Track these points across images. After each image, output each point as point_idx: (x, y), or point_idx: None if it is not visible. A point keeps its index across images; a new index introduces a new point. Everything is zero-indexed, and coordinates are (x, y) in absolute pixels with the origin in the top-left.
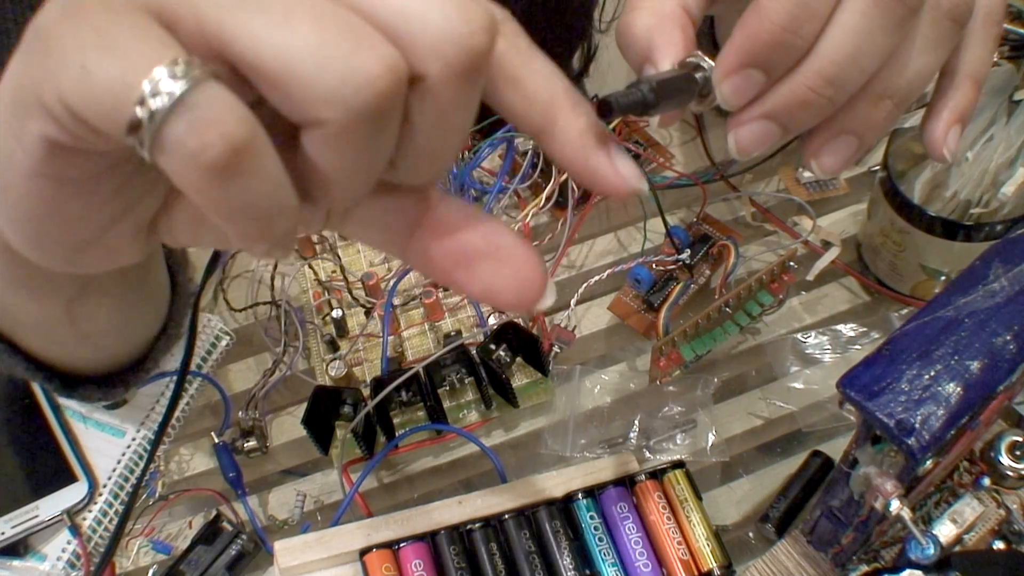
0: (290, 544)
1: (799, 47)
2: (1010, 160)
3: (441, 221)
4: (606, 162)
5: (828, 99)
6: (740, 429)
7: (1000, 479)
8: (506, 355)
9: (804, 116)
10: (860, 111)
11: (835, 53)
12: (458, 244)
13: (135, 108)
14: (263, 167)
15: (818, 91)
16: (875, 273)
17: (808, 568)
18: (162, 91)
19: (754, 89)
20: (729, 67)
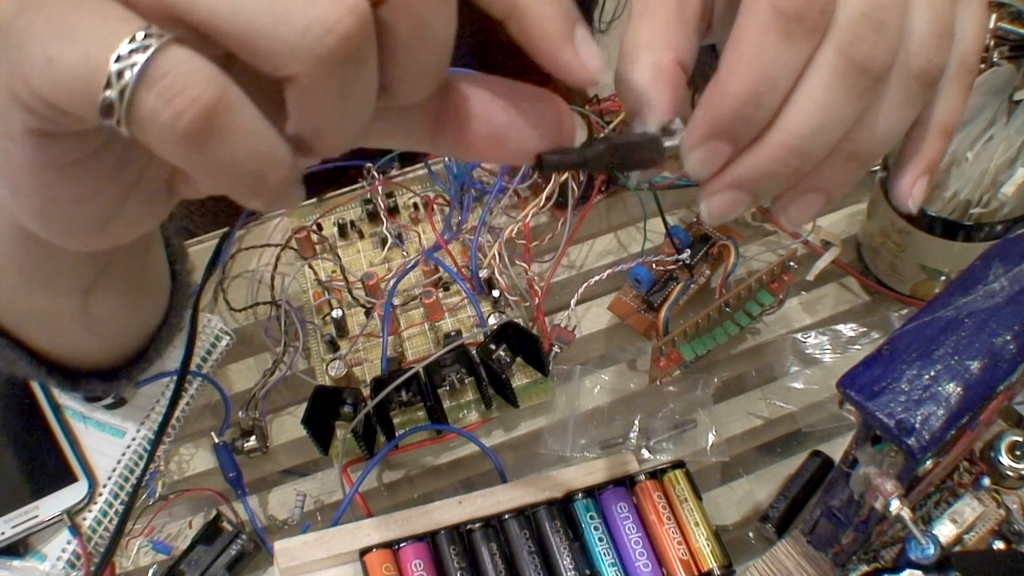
0: (290, 544)
1: (761, 118)
2: (1010, 160)
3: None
4: (570, 54)
5: (794, 168)
6: (740, 429)
7: (1000, 479)
8: (506, 355)
9: (772, 184)
10: (827, 171)
11: (799, 125)
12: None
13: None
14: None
15: (784, 162)
16: (875, 273)
17: (808, 568)
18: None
19: (721, 159)
20: (695, 139)
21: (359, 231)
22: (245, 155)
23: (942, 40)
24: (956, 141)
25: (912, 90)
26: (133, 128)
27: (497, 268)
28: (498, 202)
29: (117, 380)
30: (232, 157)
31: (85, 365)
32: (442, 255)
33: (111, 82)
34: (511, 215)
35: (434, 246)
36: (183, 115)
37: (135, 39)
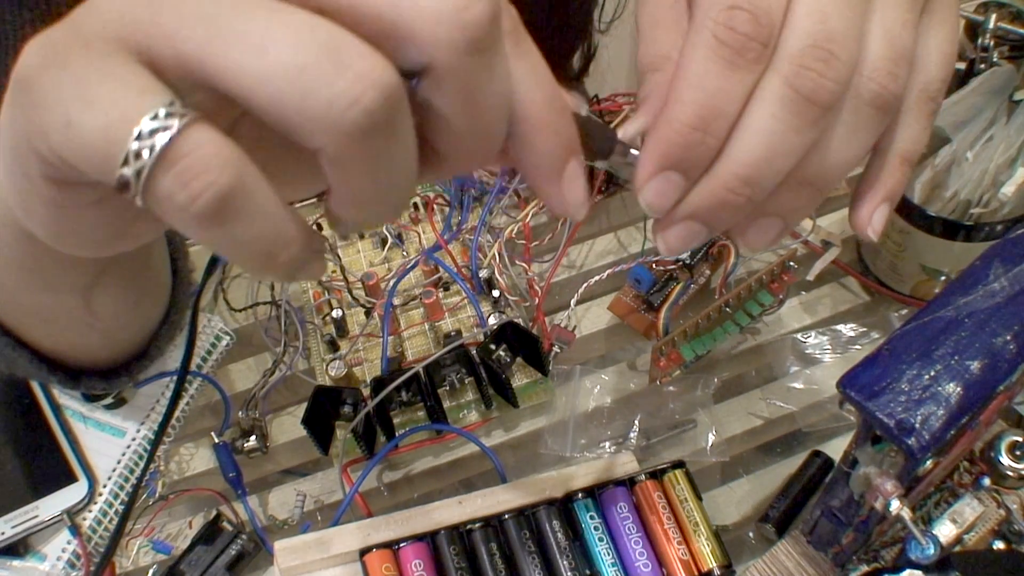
0: (290, 544)
1: (710, 146)
2: (1010, 160)
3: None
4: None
5: (746, 198)
6: (740, 429)
7: (1000, 479)
8: (506, 355)
9: (725, 215)
10: (782, 198)
11: (747, 155)
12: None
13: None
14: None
15: (735, 192)
16: (875, 273)
17: (808, 568)
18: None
19: (675, 191)
20: (646, 172)
21: (359, 231)
22: (256, 236)
23: (897, 66)
24: (956, 141)
25: (866, 116)
26: (147, 201)
27: (497, 268)
28: (498, 202)
29: (118, 378)
30: (244, 237)
31: (86, 363)
32: (442, 255)
33: (128, 159)
34: (511, 215)
35: (434, 246)
36: (198, 199)
37: (157, 116)
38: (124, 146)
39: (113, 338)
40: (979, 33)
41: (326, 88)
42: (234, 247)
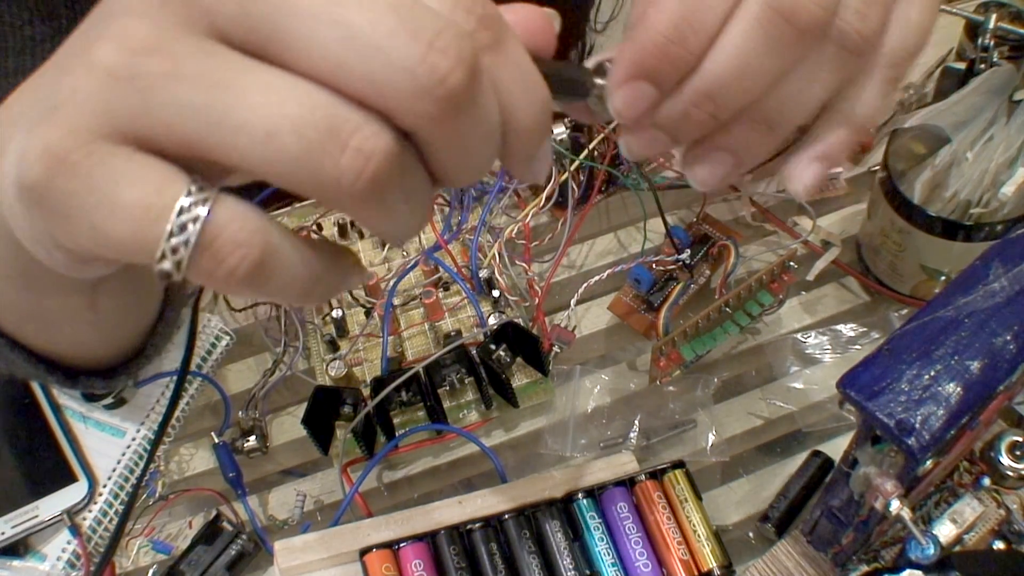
0: (290, 544)
1: (685, 60)
2: (1010, 160)
3: None
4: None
5: (710, 115)
6: (740, 429)
7: (1000, 479)
8: (506, 355)
9: (688, 129)
10: (736, 132)
11: (718, 70)
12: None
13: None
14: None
15: (700, 107)
16: (875, 273)
17: (808, 568)
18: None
19: (645, 101)
20: (619, 78)
21: (359, 231)
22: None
23: (869, 8)
24: (956, 141)
25: (830, 55)
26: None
27: (497, 268)
28: (498, 202)
29: (116, 376)
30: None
31: (84, 363)
32: (442, 255)
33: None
34: (511, 215)
35: (434, 246)
36: (236, 272)
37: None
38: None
39: (111, 336)
40: (979, 33)
41: (332, 167)
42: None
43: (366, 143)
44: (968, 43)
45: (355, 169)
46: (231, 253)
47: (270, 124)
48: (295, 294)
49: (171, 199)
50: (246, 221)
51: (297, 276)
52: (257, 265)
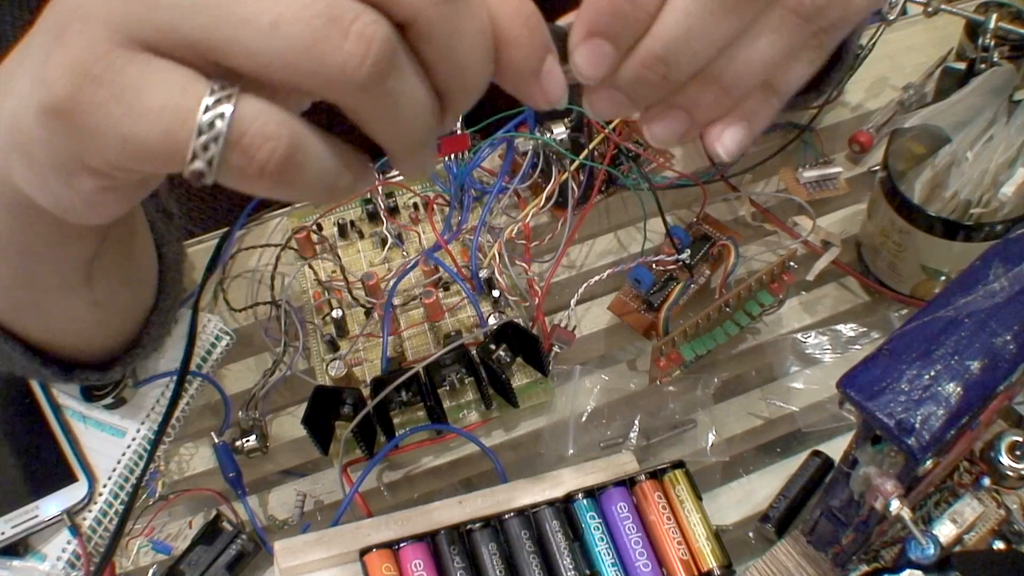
0: (290, 544)
1: (640, 19)
2: (1010, 160)
3: None
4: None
5: (662, 76)
6: (740, 429)
7: (1000, 479)
8: (506, 355)
9: (643, 90)
10: (690, 91)
11: (667, 33)
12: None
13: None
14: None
15: (651, 68)
16: (875, 273)
17: (808, 568)
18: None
19: (604, 60)
20: (578, 36)
21: (359, 231)
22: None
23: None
24: (956, 141)
25: (785, 21)
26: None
27: (497, 268)
28: (498, 202)
29: (112, 369)
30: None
31: (80, 353)
32: (442, 255)
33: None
34: (511, 215)
35: (434, 246)
36: (267, 166)
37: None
38: (189, 143)
39: (108, 322)
40: (979, 33)
41: (336, 52)
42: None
43: (367, 28)
44: (968, 43)
45: (359, 53)
46: (260, 146)
47: (274, 14)
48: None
49: (196, 99)
50: (271, 114)
51: (324, 168)
52: (287, 157)
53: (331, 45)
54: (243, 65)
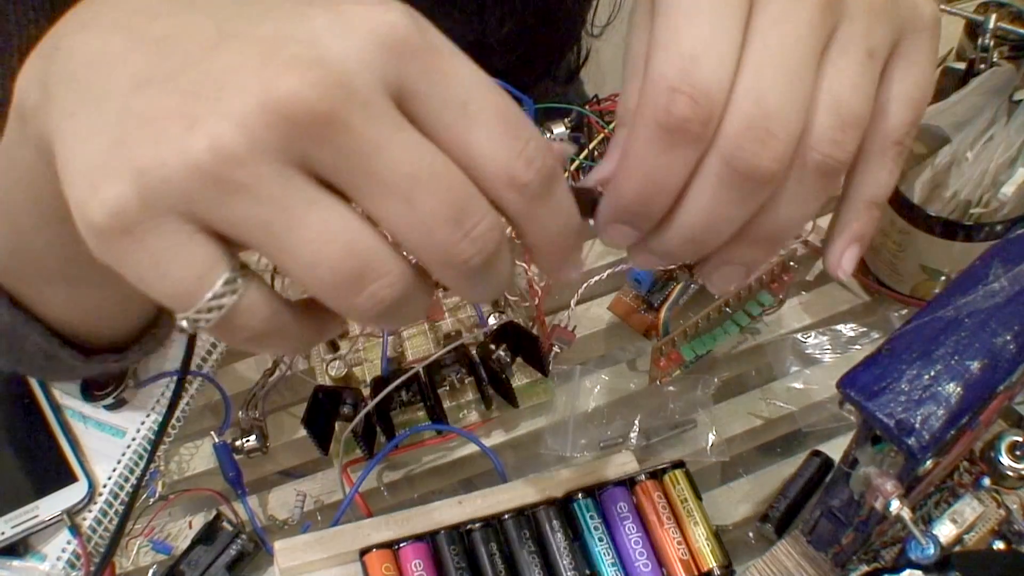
0: (290, 544)
1: (654, 212)
2: (1010, 160)
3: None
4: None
5: (693, 252)
6: (740, 429)
7: (1000, 479)
8: (506, 355)
9: (679, 258)
10: (739, 250)
11: (690, 223)
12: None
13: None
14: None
15: (683, 247)
16: (875, 273)
17: (808, 568)
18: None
19: (629, 237)
20: (602, 221)
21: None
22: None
23: (843, 133)
24: (956, 141)
25: (811, 183)
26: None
27: None
28: None
29: (129, 351)
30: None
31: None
32: None
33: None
34: None
35: None
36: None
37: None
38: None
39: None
40: (979, 33)
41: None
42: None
43: (380, 291)
44: (968, 43)
45: (365, 308)
46: (239, 333)
47: (313, 258)
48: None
49: (209, 285)
50: (258, 311)
51: (290, 343)
52: (256, 341)
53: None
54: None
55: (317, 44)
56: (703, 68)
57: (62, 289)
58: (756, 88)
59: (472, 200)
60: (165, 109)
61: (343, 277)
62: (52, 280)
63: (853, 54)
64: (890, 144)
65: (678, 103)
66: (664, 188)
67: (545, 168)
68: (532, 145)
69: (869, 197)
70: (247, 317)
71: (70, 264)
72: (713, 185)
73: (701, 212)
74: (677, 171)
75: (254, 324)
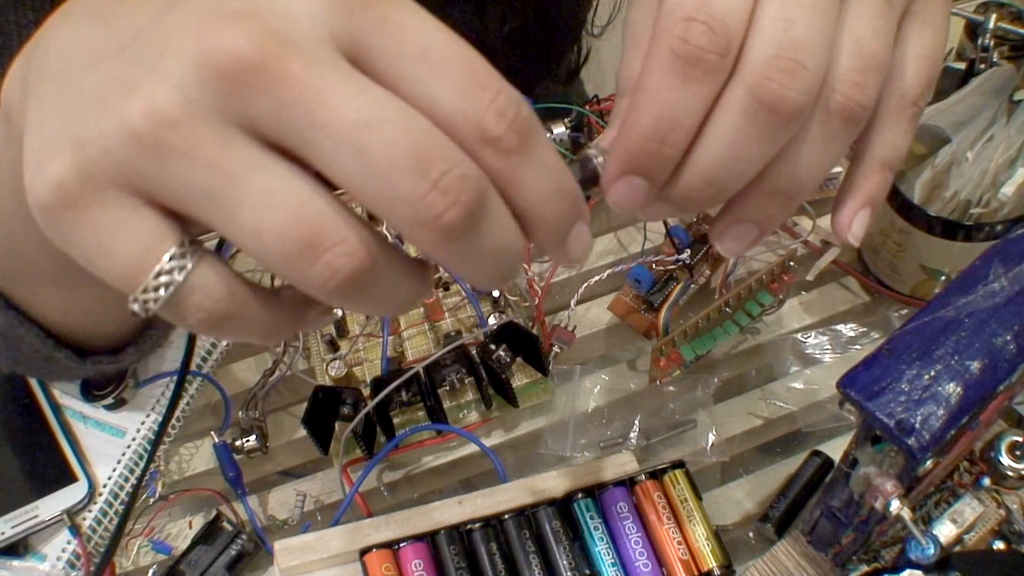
0: (290, 544)
1: (668, 155)
2: (1010, 160)
3: None
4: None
5: (711, 197)
6: (740, 429)
7: (1000, 479)
8: (506, 355)
9: (695, 207)
10: (754, 203)
11: (709, 160)
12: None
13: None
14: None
15: (699, 190)
16: (875, 273)
17: (808, 568)
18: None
19: (639, 193)
20: (611, 175)
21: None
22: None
23: (865, 76)
24: (956, 141)
25: (833, 127)
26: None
27: None
28: None
29: (124, 352)
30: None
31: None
32: None
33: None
34: None
35: None
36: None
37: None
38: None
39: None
40: (979, 33)
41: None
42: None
43: (336, 260)
44: (968, 43)
45: (322, 280)
46: (191, 315)
47: (259, 225)
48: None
49: (155, 260)
50: (212, 290)
51: (253, 331)
52: (215, 324)
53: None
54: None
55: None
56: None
57: (56, 290)
58: (784, 17)
59: (437, 145)
60: (110, 81)
61: (293, 246)
62: (46, 282)
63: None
64: (907, 103)
65: (694, 31)
66: (679, 124)
67: (520, 120)
68: (503, 96)
69: (882, 158)
70: (200, 296)
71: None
72: (736, 118)
73: (722, 148)
74: (693, 106)
75: (209, 304)
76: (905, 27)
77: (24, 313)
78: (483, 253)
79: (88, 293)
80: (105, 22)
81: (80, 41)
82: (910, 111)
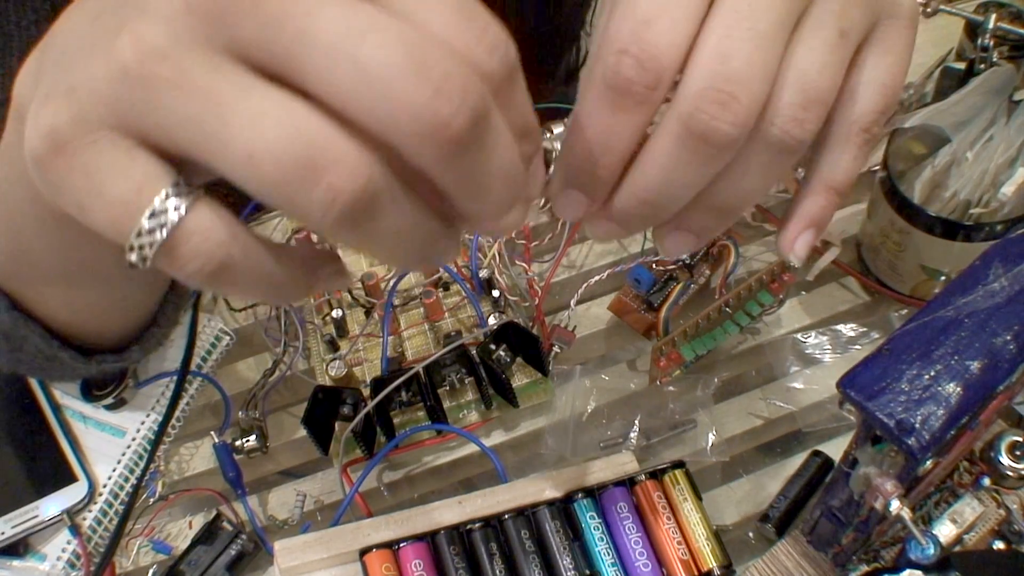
0: (290, 544)
1: (603, 175)
2: (1010, 160)
3: None
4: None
5: (648, 216)
6: (740, 429)
7: (1000, 479)
8: (506, 355)
9: (635, 224)
10: (693, 216)
11: (643, 182)
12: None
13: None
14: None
15: (636, 210)
16: (875, 273)
17: (808, 568)
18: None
19: (580, 206)
20: (554, 188)
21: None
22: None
23: (806, 111)
24: (956, 141)
25: (769, 156)
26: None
27: (497, 268)
28: None
29: (128, 350)
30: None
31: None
32: None
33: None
34: None
35: None
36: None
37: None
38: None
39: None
40: (979, 33)
41: (304, 198)
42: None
43: (338, 180)
44: (968, 43)
45: (324, 203)
46: (190, 261)
47: (252, 148)
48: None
49: (147, 200)
50: (212, 232)
51: (260, 283)
52: (214, 274)
53: (300, 189)
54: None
55: None
56: (653, 31)
57: (61, 290)
58: (721, 50)
59: (434, 48)
60: (103, 29)
61: (290, 167)
62: (52, 281)
63: (825, 32)
64: (856, 130)
65: (624, 64)
66: (611, 149)
67: (508, 57)
68: (492, 31)
69: (828, 182)
70: (199, 239)
71: (70, 266)
72: (670, 144)
73: (656, 171)
74: (623, 133)
75: (209, 248)
76: (864, 53)
77: (28, 312)
78: (491, 172)
79: (93, 294)
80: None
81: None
82: (860, 137)
